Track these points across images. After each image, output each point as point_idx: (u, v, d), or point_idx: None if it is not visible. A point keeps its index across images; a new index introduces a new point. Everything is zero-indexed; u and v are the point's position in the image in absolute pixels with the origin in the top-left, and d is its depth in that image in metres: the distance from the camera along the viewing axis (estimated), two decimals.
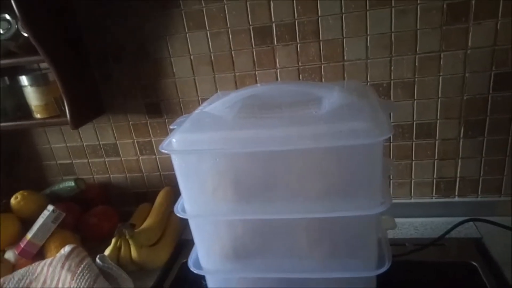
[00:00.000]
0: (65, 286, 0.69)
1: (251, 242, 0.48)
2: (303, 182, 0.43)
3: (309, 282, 0.50)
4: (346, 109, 0.45)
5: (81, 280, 0.69)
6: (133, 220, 0.89)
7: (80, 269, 0.71)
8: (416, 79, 0.79)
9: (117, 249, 0.78)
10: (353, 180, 0.42)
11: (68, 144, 0.99)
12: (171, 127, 0.55)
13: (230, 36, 0.81)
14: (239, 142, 0.42)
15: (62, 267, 0.73)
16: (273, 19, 0.78)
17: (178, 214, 0.49)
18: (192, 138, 0.45)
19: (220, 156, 0.44)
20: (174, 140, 0.45)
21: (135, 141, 0.96)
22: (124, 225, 0.77)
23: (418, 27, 0.75)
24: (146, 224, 0.85)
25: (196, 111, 0.52)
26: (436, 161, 0.85)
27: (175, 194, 0.96)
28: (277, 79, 0.83)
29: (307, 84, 0.52)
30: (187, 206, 0.49)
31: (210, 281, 0.56)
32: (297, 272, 0.48)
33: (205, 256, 0.52)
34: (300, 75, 0.82)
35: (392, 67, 0.78)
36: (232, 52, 0.82)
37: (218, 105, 0.50)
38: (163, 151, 0.45)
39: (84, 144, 0.99)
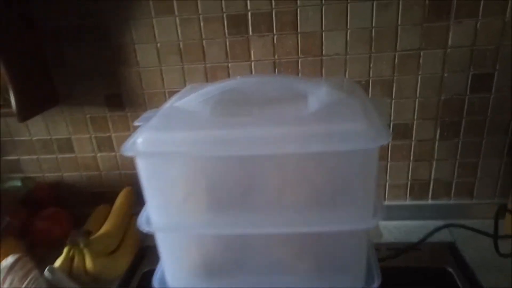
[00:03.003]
0: None
1: (226, 257, 0.41)
2: (287, 190, 0.38)
3: None
4: (336, 108, 0.40)
5: None
6: (90, 224, 0.81)
7: (25, 284, 0.62)
8: (395, 78, 0.76)
9: (69, 259, 0.69)
10: (343, 190, 0.37)
11: (14, 138, 0.88)
12: (135, 123, 0.49)
13: (202, 24, 0.74)
14: (215, 144, 0.36)
15: (4, 281, 0.63)
16: (248, 7, 0.73)
17: (142, 228, 0.42)
18: (161, 137, 0.38)
19: (193, 159, 0.38)
20: (139, 140, 0.38)
21: (93, 136, 0.87)
22: (77, 232, 0.69)
23: (399, 23, 0.72)
24: (104, 229, 0.77)
25: (165, 105, 0.45)
26: (411, 162, 0.83)
27: (136, 195, 0.88)
28: (251, 72, 0.77)
29: (291, 78, 0.47)
30: (154, 217, 0.42)
31: None
32: None
33: (173, 273, 0.45)
34: (276, 69, 0.77)
35: (371, 64, 0.75)
36: (203, 41, 0.76)
37: (191, 100, 0.44)
38: (126, 153, 0.38)
39: (33, 139, 0.88)
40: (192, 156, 0.37)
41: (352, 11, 0.71)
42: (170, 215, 0.40)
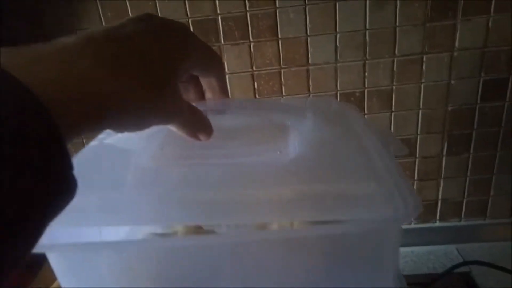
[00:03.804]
0: None
1: None
2: (265, 282, 0.26)
3: None
4: (327, 151, 0.29)
5: None
6: (48, 268, 0.68)
7: None
8: (394, 87, 0.65)
9: None
10: (343, 279, 0.25)
11: None
12: None
13: None
14: (151, 224, 0.25)
15: None
16: (218, 11, 0.61)
17: None
18: (73, 218, 0.25)
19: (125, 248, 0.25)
20: None
21: None
22: None
23: (397, 23, 0.61)
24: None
25: (92, 142, 0.33)
26: (415, 182, 0.72)
27: None
28: None
29: (264, 105, 0.35)
30: None
31: None
32: None
33: None
34: (255, 82, 0.65)
35: (366, 73, 0.64)
36: None
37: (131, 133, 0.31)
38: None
39: None
40: (116, 252, 0.25)
41: (342, 11, 0.60)
42: None
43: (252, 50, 0.63)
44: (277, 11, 0.61)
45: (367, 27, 0.61)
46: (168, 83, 0.22)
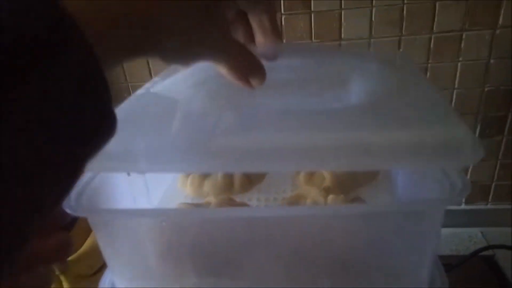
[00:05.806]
0: None
1: None
2: (306, 256, 0.26)
3: None
4: (396, 101, 0.26)
5: None
6: (75, 232, 0.71)
7: None
8: (429, 65, 0.63)
9: None
10: (382, 257, 0.25)
11: None
12: None
13: None
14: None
15: None
16: None
17: None
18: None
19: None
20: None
21: None
22: None
23: None
24: (87, 244, 0.67)
25: (139, 90, 0.32)
26: None
27: None
28: None
29: (324, 48, 0.33)
30: (119, 283, 0.31)
31: None
32: None
33: None
34: None
35: (401, 49, 0.62)
36: None
37: (178, 81, 0.30)
38: (69, 211, 0.26)
39: None
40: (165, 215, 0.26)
41: None
42: (140, 281, 0.30)
43: (283, 22, 0.61)
44: None
45: (405, 1, 0.59)
46: (214, 13, 0.21)
